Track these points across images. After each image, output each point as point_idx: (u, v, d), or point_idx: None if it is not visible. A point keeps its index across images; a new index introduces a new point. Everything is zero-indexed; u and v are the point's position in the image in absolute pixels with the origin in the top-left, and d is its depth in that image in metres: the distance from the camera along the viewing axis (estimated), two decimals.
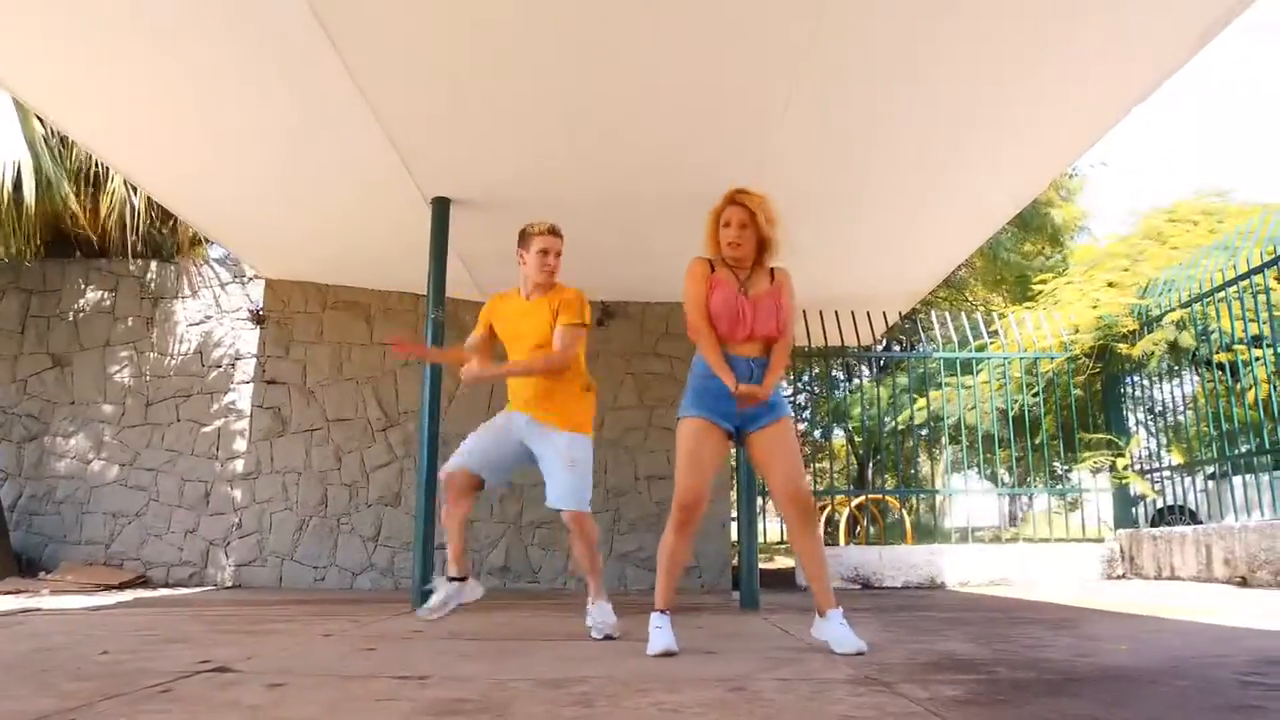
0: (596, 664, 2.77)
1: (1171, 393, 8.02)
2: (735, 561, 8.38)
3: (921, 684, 2.37)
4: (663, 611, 3.15)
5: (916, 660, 2.85)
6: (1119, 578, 7.41)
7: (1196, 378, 7.71)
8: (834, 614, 3.15)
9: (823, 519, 11.52)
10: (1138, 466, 7.89)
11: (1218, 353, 6.90)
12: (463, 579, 3.99)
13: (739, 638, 3.63)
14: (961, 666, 2.70)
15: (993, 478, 9.51)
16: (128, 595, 6.47)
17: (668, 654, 2.96)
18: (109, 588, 7.09)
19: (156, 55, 4.57)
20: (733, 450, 8.96)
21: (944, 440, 9.34)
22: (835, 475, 11.08)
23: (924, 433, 10.15)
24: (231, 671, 2.55)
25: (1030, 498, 10.90)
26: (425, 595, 4.92)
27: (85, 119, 5.37)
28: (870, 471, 13.81)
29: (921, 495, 10.33)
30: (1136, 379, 8.15)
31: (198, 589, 7.32)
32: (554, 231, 3.92)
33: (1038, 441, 8.37)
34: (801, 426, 17.20)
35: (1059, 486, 8.71)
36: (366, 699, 2.15)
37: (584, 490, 3.75)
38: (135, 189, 7.75)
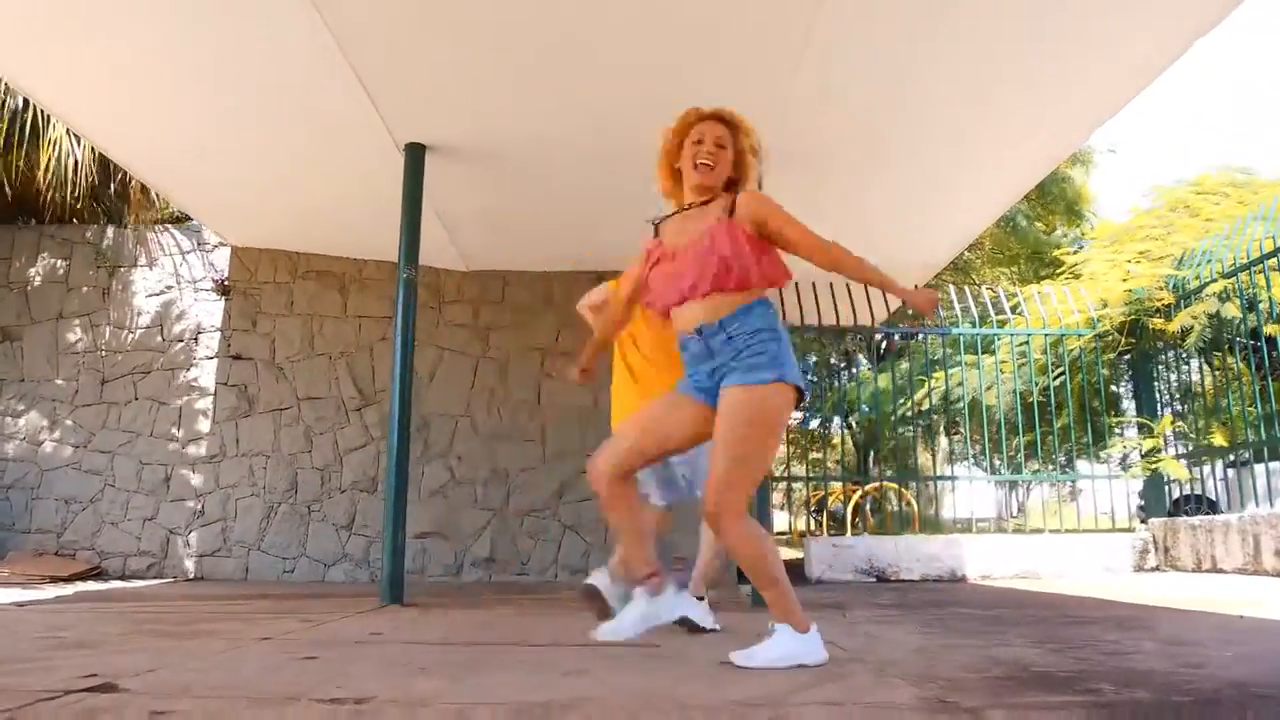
0: (588, 680, 2.18)
1: (1214, 371, 7.44)
2: None
3: (1013, 710, 1.80)
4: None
5: (986, 673, 2.28)
6: (1153, 569, 6.87)
7: (1239, 354, 7.14)
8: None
9: (824, 509, 10.98)
10: (1171, 451, 7.34)
11: (1268, 324, 6.33)
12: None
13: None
14: (1048, 683, 2.13)
15: (1010, 465, 8.93)
16: (73, 588, 5.88)
17: None
18: (57, 580, 6.49)
19: None
20: None
21: (960, 420, 8.76)
22: (842, 464, 10.49)
23: (936, 416, 9.58)
24: (114, 691, 1.96)
25: (1033, 485, 10.34)
26: (392, 590, 4.37)
27: (16, 56, 4.75)
28: (871, 460, 13.25)
29: (937, 482, 9.76)
30: (1171, 356, 7.57)
31: (155, 581, 6.72)
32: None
33: (1062, 424, 7.80)
34: (803, 415, 16.63)
35: (1085, 473, 8.15)
36: None
37: None
38: (79, 139, 7.07)
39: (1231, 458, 7.13)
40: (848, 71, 4.73)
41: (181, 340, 7.43)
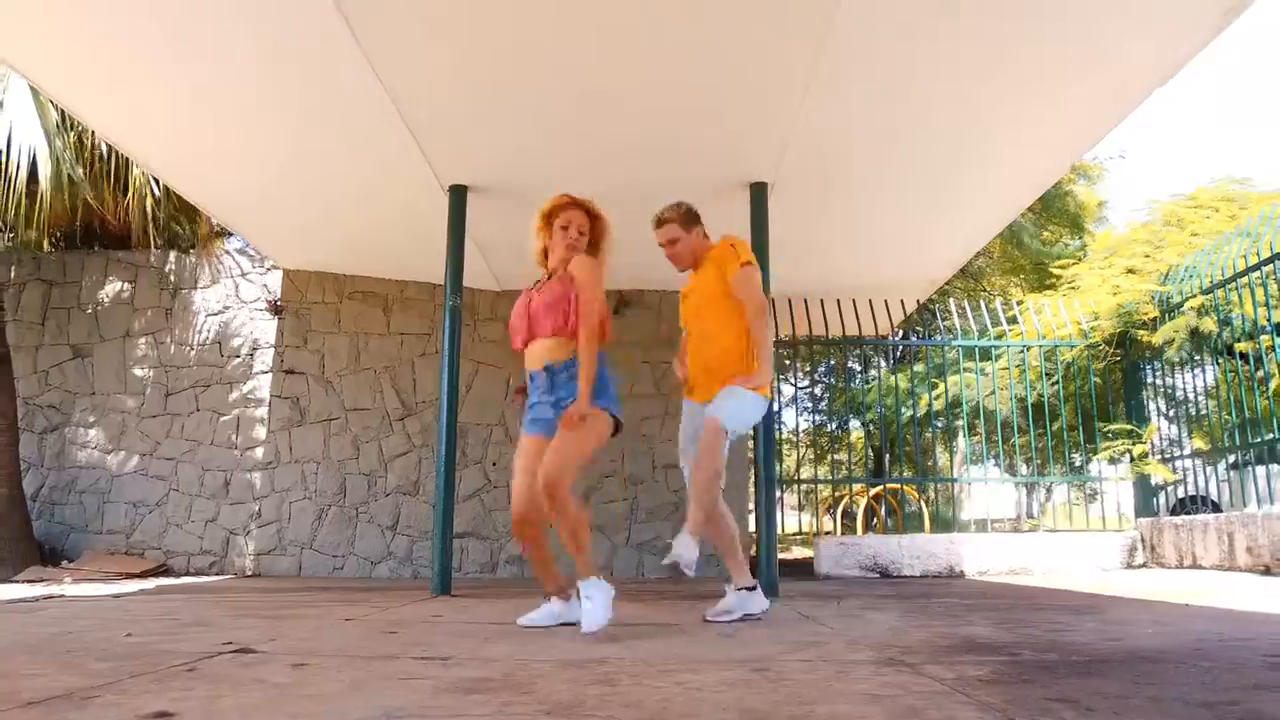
0: (618, 647, 2.77)
1: (1193, 380, 7.93)
2: (754, 551, 8.38)
3: (946, 665, 2.35)
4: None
5: (939, 643, 2.83)
6: (1140, 566, 7.35)
7: (1217, 366, 7.62)
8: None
9: (839, 509, 11.50)
10: (1157, 455, 7.83)
11: (1239, 340, 6.82)
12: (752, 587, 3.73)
13: (761, 623, 3.61)
14: (985, 649, 2.68)
15: (1010, 468, 9.44)
16: (149, 583, 6.53)
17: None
18: (131, 576, 7.16)
19: (171, 41, 4.57)
20: (750, 441, 8.97)
21: (962, 426, 9.28)
22: (853, 466, 11.03)
23: (940, 424, 10.09)
24: (254, 652, 2.56)
25: (1049, 487, 10.83)
26: (442, 582, 4.94)
27: (101, 106, 5.38)
28: (887, 462, 13.74)
29: (940, 483, 10.27)
30: (1156, 366, 8.07)
31: (218, 577, 7.37)
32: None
33: (1056, 429, 8.30)
34: (817, 418, 17.16)
35: (1078, 475, 8.65)
36: (391, 677, 2.15)
37: None
38: (156, 180, 7.79)
39: (1234, 459, 7.57)
40: (847, 103, 5.10)
41: (239, 356, 8.10)
